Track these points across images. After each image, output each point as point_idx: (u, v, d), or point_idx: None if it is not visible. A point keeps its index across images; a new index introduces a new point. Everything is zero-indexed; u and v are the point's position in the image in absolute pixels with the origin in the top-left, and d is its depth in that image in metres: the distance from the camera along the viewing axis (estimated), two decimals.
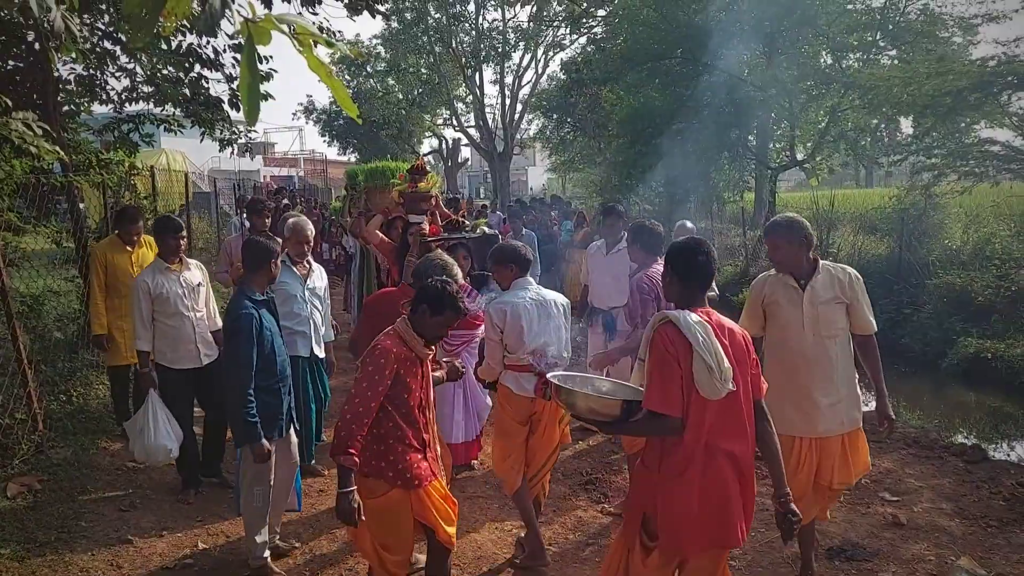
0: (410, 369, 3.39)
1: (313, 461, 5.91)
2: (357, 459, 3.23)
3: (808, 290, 3.95)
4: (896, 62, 16.72)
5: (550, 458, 4.56)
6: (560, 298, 4.50)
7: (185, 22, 5.89)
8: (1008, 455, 6.95)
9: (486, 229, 6.56)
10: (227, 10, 1.31)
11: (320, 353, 5.69)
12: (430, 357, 3.55)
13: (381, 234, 6.78)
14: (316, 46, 1.32)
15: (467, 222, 6.51)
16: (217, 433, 5.68)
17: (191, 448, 5.43)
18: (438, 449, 3.71)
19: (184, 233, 5.53)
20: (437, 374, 3.90)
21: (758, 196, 20.22)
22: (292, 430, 4.53)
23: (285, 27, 1.33)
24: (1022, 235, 11.64)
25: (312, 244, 5.53)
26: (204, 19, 1.30)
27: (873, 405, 4.39)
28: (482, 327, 4.75)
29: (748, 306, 4.22)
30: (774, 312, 4.05)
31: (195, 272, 5.51)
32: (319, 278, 5.73)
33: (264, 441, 4.08)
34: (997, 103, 11.55)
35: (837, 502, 5.37)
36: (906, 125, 18.62)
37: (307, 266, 5.60)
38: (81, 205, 8.21)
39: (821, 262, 4.06)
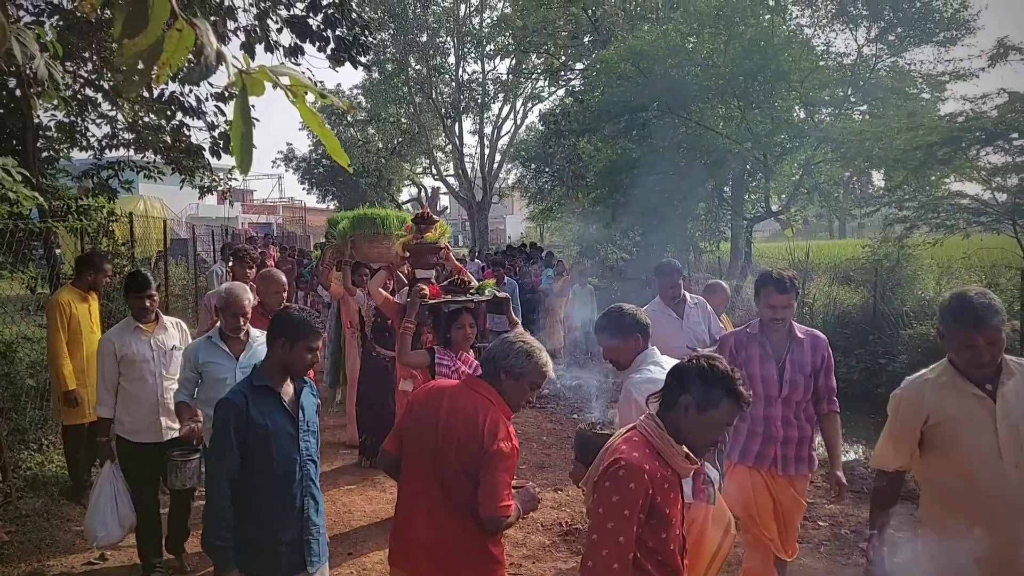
0: (667, 494, 2.41)
1: None
2: None
3: (1000, 399, 2.83)
4: (867, 117, 17.15)
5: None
6: None
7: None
8: None
9: (496, 291, 5.59)
10: (222, 62, 1.33)
11: None
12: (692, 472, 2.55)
13: (385, 293, 6.07)
14: (320, 98, 1.36)
15: (473, 281, 5.64)
16: (181, 510, 4.98)
17: (148, 528, 4.76)
18: None
19: (152, 291, 4.82)
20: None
21: (734, 246, 20.48)
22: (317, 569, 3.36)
23: (279, 78, 1.35)
24: (994, 286, 11.84)
25: (248, 316, 4.50)
26: (199, 70, 1.32)
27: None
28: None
29: (899, 429, 3.10)
30: (946, 435, 2.92)
31: (171, 333, 4.92)
32: (262, 352, 4.20)
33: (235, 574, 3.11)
34: (966, 157, 11.84)
35: (818, 553, 5.35)
36: (878, 178, 19.07)
37: (243, 341, 4.50)
38: (57, 251, 8.15)
39: (1005, 356, 2.91)
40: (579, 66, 28.26)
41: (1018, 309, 10.64)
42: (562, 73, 29.85)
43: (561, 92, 31.15)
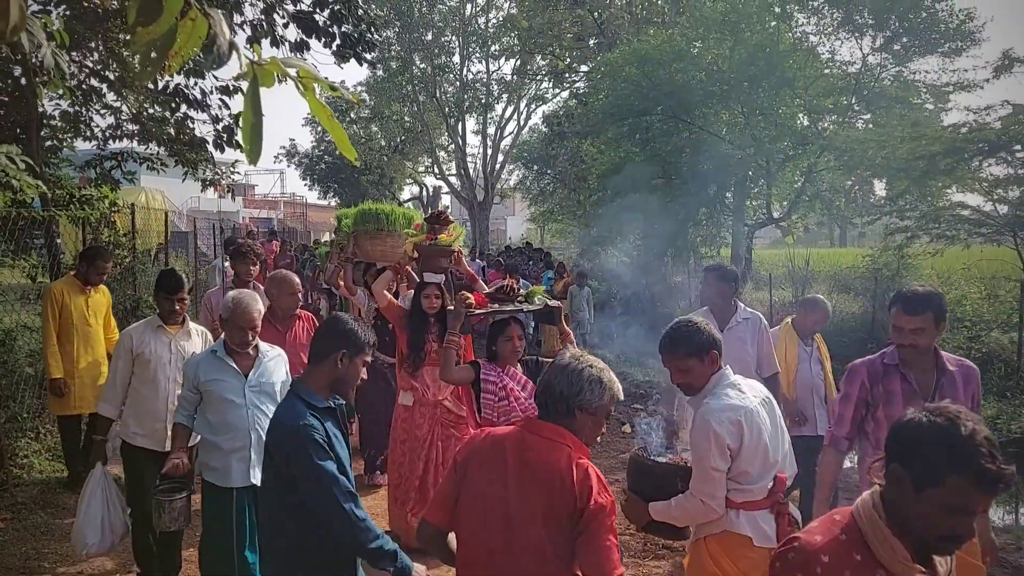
0: None
1: None
2: None
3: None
4: (871, 126, 17.16)
5: None
6: (762, 387, 3.25)
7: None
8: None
9: (546, 299, 4.78)
10: (234, 53, 1.34)
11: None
12: None
13: (390, 295, 5.56)
14: (330, 91, 1.36)
15: (520, 288, 4.93)
16: (169, 552, 4.53)
17: (142, 544, 4.44)
18: None
19: (183, 294, 4.50)
20: None
21: (734, 252, 20.48)
22: None
23: (291, 70, 1.36)
24: (992, 298, 11.87)
25: (259, 329, 3.99)
26: (211, 60, 1.33)
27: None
28: None
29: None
30: None
31: (195, 341, 4.53)
32: (273, 369, 4.04)
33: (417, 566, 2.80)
34: (968, 168, 11.87)
35: None
36: (880, 187, 19.09)
37: (252, 356, 3.98)
38: (58, 240, 8.16)
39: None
40: (584, 68, 28.29)
41: (1017, 321, 10.67)
42: (566, 75, 29.89)
43: (565, 94, 31.23)
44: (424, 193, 43.50)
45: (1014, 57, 11.40)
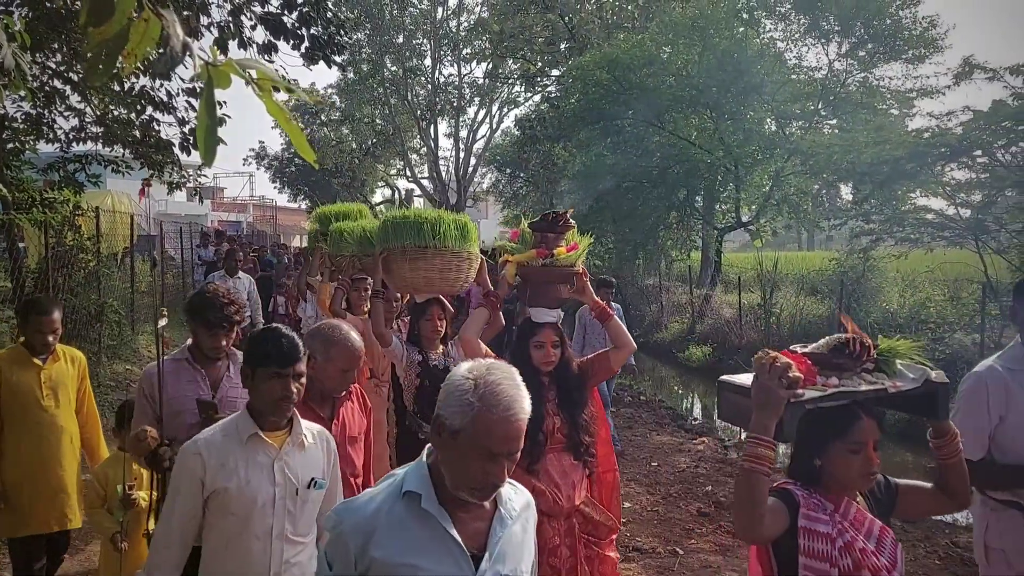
0: None
1: None
2: None
3: None
4: (837, 131, 17.43)
5: None
6: None
7: (140, 64, 5.87)
8: (943, 516, 7.09)
9: (928, 367, 2.27)
10: (187, 54, 1.32)
11: None
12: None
13: (484, 345, 3.91)
14: (277, 91, 1.35)
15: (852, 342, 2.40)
16: None
17: None
18: None
19: (299, 366, 2.49)
20: None
21: (704, 255, 20.67)
22: None
23: (245, 72, 1.34)
24: (955, 300, 12.08)
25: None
26: (163, 62, 1.31)
27: None
28: None
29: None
30: None
31: (312, 454, 2.61)
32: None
33: None
34: (931, 173, 12.08)
35: None
36: (846, 191, 19.36)
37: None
38: (21, 244, 8.02)
39: None
40: (555, 72, 28.39)
41: (979, 323, 10.86)
42: (538, 79, 29.96)
43: (537, 98, 31.29)
44: (396, 196, 43.38)
45: (974, 64, 11.63)
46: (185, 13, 8.01)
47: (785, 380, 2.02)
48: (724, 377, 2.40)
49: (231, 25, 8.51)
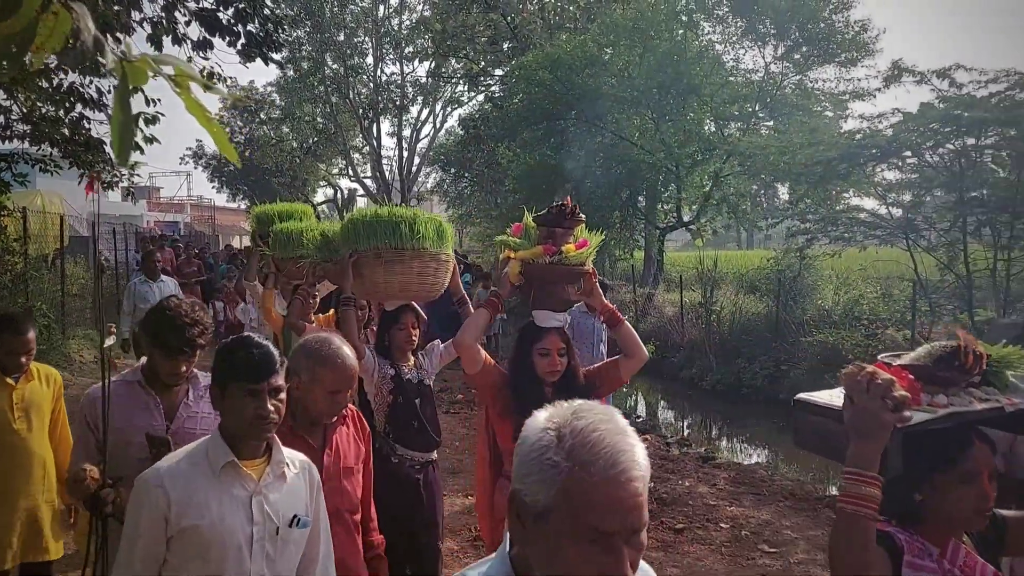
0: None
1: None
2: None
3: None
4: (773, 132, 17.81)
5: None
6: None
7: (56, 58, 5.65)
8: None
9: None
10: (101, 48, 1.27)
11: None
12: None
13: (485, 353, 3.43)
14: (206, 89, 1.30)
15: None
16: None
17: None
18: None
19: (280, 387, 2.20)
20: None
21: (647, 254, 20.94)
22: None
23: (163, 68, 1.29)
24: (887, 297, 12.46)
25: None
26: (75, 55, 1.25)
27: None
28: None
29: None
30: None
31: (295, 484, 2.25)
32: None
33: None
34: (863, 173, 12.42)
35: (719, 554, 5.49)
36: (783, 191, 19.82)
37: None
38: None
39: None
40: (498, 72, 28.43)
41: (910, 319, 11.21)
42: (481, 78, 29.96)
43: (481, 97, 31.30)
44: (338, 196, 42.87)
45: (903, 67, 11.97)
46: (116, 8, 7.78)
47: (890, 401, 1.61)
48: (801, 396, 1.98)
49: (164, 21, 8.30)
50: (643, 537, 1.19)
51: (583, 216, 3.42)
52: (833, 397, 1.81)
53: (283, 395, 2.17)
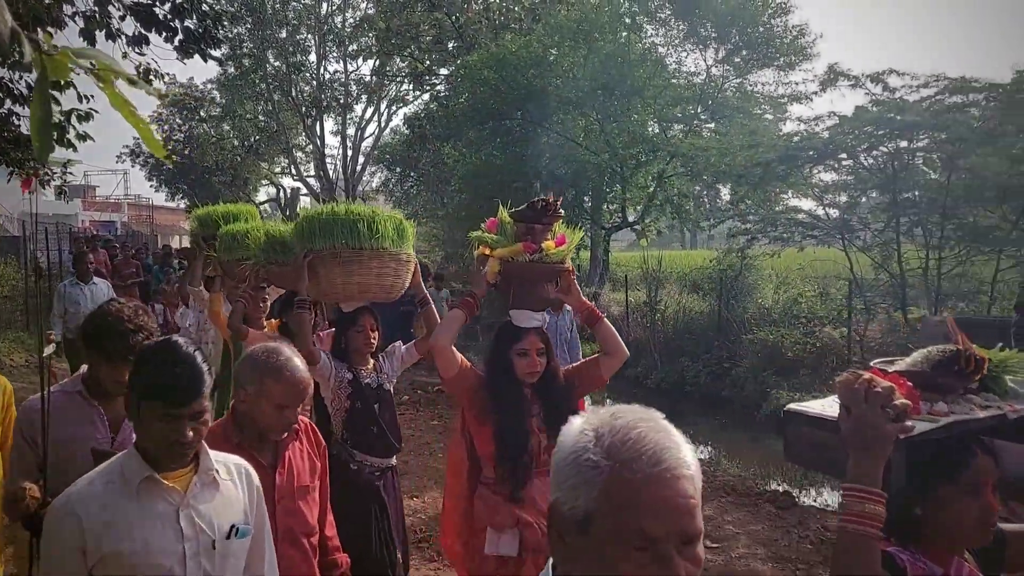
0: None
1: None
2: None
3: None
4: (715, 134, 18.12)
5: None
6: None
7: None
8: (815, 501, 7.47)
9: None
10: (19, 41, 1.21)
11: None
12: None
13: (459, 354, 3.22)
14: (131, 84, 1.26)
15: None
16: None
17: None
18: None
19: (201, 405, 1.97)
20: None
21: (593, 255, 21.10)
22: None
23: (85, 61, 1.25)
24: (825, 296, 12.77)
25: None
26: None
27: None
28: None
29: None
30: None
31: (231, 496, 2.12)
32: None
33: None
34: (801, 175, 12.72)
35: None
36: (725, 192, 20.18)
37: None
38: None
39: None
40: (444, 71, 28.30)
41: (847, 317, 11.51)
42: (426, 77, 29.78)
43: (426, 96, 31.12)
44: (281, 195, 42.19)
45: (839, 71, 12.29)
46: (46, 1, 7.51)
47: (891, 410, 1.49)
48: (792, 406, 1.85)
49: (97, 15, 8.05)
50: (700, 550, 1.07)
51: (563, 212, 3.34)
52: (826, 407, 1.71)
53: (206, 416, 1.94)
